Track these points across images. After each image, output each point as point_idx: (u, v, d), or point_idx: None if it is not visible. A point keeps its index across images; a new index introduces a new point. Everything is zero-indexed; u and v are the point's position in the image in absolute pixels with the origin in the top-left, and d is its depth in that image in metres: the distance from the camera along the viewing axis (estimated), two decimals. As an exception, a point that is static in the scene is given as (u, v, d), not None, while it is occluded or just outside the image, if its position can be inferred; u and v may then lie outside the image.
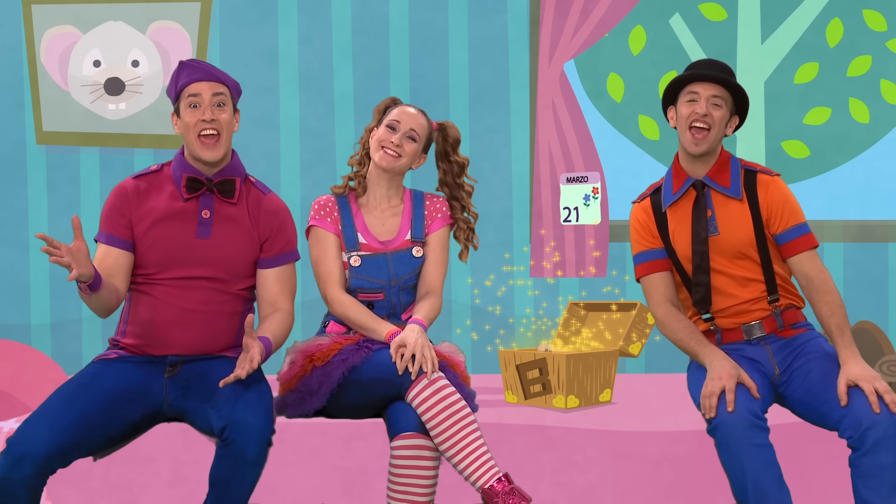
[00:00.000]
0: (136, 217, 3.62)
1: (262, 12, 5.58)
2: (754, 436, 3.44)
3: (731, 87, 3.69)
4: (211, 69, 3.64)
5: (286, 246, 3.73)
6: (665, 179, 3.82)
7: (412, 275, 3.89)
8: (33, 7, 5.46)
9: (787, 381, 3.69)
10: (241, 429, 3.38)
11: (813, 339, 3.74)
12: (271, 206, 3.73)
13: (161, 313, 3.61)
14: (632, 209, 3.87)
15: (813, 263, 3.70)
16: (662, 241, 3.77)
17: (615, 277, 5.58)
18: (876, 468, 3.41)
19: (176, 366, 3.60)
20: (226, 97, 3.64)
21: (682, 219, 3.75)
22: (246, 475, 3.40)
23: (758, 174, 3.74)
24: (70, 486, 3.80)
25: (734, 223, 3.70)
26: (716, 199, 3.73)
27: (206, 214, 3.63)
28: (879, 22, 5.68)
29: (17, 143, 5.55)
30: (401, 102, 3.98)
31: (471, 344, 5.50)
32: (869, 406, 3.45)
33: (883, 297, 5.61)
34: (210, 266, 3.62)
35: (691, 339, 3.68)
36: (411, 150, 3.88)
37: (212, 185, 3.64)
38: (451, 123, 4.05)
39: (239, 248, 3.67)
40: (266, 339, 3.58)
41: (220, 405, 3.45)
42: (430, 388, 3.55)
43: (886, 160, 5.71)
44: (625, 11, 5.52)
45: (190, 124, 3.60)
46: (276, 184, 5.54)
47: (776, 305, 3.72)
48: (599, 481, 3.84)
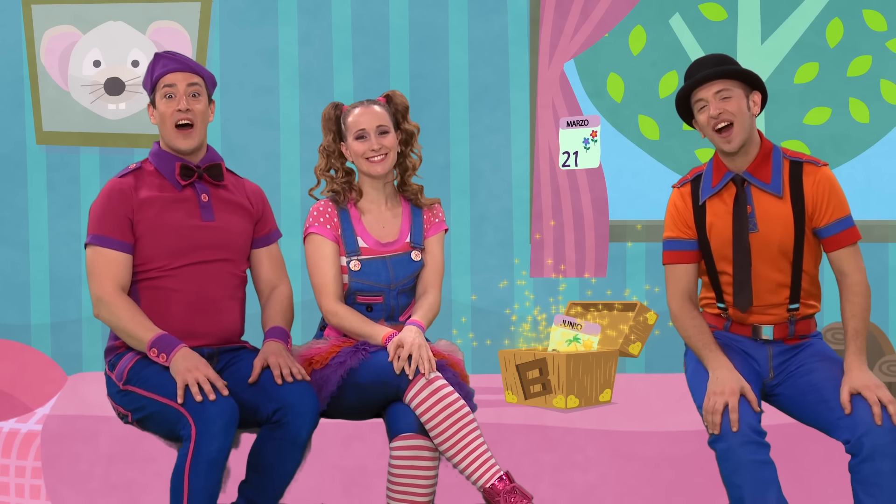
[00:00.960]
0: (137, 214, 3.63)
1: (262, 12, 5.58)
2: (755, 452, 3.43)
3: (729, 74, 3.64)
4: (185, 60, 3.70)
5: (273, 224, 3.87)
6: (706, 169, 3.75)
7: (411, 278, 3.90)
8: (33, 7, 5.45)
9: (780, 383, 3.69)
10: (295, 411, 3.46)
11: (816, 343, 3.73)
12: (253, 187, 3.86)
13: (181, 303, 3.63)
14: (671, 194, 3.80)
15: (852, 260, 3.64)
16: (697, 233, 3.73)
17: (615, 277, 5.58)
18: (875, 475, 3.40)
19: (213, 357, 3.65)
20: (201, 87, 3.70)
21: (722, 213, 3.68)
22: (296, 457, 3.49)
23: (804, 164, 3.66)
24: (70, 486, 3.80)
25: (773, 220, 3.64)
26: (756, 195, 3.66)
27: (206, 198, 3.70)
28: (879, 22, 5.68)
29: (17, 143, 5.55)
30: (343, 106, 3.93)
31: (470, 344, 5.50)
32: (865, 411, 3.44)
33: (883, 297, 5.61)
34: (220, 248, 3.70)
35: (699, 340, 3.66)
36: (391, 142, 3.87)
37: (202, 172, 3.70)
38: (396, 91, 3.97)
39: (242, 228, 3.76)
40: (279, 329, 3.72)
41: (266, 389, 3.50)
42: (427, 389, 3.55)
43: (886, 160, 5.71)
44: (625, 11, 5.52)
45: (166, 114, 3.66)
46: (276, 184, 5.54)
47: (794, 314, 3.70)
48: (599, 481, 3.84)
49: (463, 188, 5.58)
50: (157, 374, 3.50)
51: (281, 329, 3.73)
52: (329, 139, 3.92)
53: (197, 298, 3.64)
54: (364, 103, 3.91)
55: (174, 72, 3.67)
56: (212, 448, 3.30)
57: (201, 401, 3.34)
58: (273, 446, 3.48)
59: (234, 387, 3.56)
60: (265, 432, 3.51)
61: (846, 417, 3.46)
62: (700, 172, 3.76)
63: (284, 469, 3.49)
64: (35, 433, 4.15)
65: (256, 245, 3.83)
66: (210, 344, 3.67)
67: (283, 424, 3.46)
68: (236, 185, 3.82)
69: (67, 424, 3.85)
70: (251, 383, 3.53)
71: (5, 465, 4.17)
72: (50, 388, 4.67)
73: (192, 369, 3.40)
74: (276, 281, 3.85)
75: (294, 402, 3.47)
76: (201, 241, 3.66)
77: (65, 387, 4.51)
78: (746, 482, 3.40)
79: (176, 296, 3.63)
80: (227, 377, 3.60)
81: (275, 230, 3.89)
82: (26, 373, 4.88)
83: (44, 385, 4.68)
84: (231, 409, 3.36)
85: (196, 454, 3.31)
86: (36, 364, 4.96)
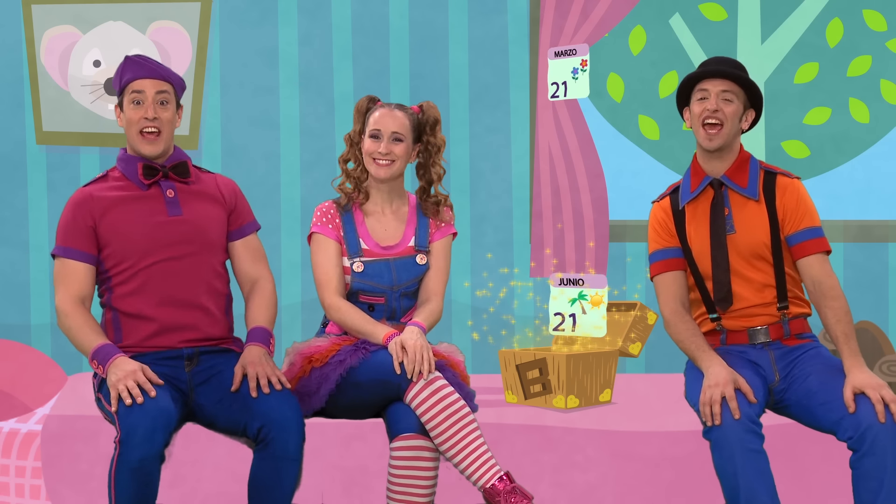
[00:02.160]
0: (101, 219, 3.62)
1: (262, 12, 5.58)
2: (749, 440, 3.44)
3: (740, 81, 3.69)
4: (155, 66, 3.69)
5: (248, 216, 3.83)
6: (683, 178, 3.82)
7: (414, 281, 3.89)
8: (33, 7, 5.45)
9: (786, 388, 3.69)
10: (278, 426, 3.44)
11: (815, 348, 3.74)
12: (225, 180, 3.83)
13: (156, 301, 3.62)
14: (651, 209, 3.86)
15: (822, 268, 3.68)
16: (679, 240, 3.77)
17: (615, 277, 5.58)
18: (876, 470, 3.40)
19: (193, 358, 3.63)
20: (169, 95, 3.68)
21: (700, 217, 3.75)
22: (290, 472, 3.46)
23: (777, 176, 3.74)
24: (70, 486, 3.80)
25: (750, 223, 3.70)
26: (733, 199, 3.72)
27: (171, 193, 3.68)
28: (879, 22, 5.68)
29: (17, 143, 5.55)
30: (377, 102, 3.93)
31: (471, 344, 5.51)
32: (868, 407, 3.45)
33: (883, 297, 5.61)
34: (191, 241, 3.67)
35: (693, 343, 3.68)
36: (401, 151, 3.86)
37: (167, 171, 3.69)
38: (431, 104, 3.97)
39: (214, 217, 3.73)
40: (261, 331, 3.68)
41: (249, 405, 3.48)
42: (428, 389, 3.55)
43: (886, 160, 5.71)
44: (625, 11, 5.51)
45: (133, 120, 3.65)
46: (276, 184, 5.54)
47: (785, 313, 3.72)
48: (599, 481, 3.84)
49: (463, 188, 5.58)
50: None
51: (262, 330, 3.70)
52: (355, 129, 3.92)
53: (172, 294, 3.62)
54: (391, 106, 3.89)
55: (143, 78, 3.66)
56: (132, 458, 3.30)
57: (131, 405, 3.35)
58: (265, 467, 3.46)
59: (223, 400, 3.55)
60: (255, 456, 3.50)
61: (848, 416, 3.46)
62: (678, 185, 3.82)
63: (282, 488, 3.47)
64: (35, 433, 4.15)
65: (232, 238, 3.80)
66: (191, 342, 3.65)
67: (270, 442, 3.44)
68: (206, 179, 3.79)
69: (67, 424, 3.85)
70: (233, 391, 3.52)
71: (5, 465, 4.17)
72: (50, 388, 4.67)
73: (122, 378, 3.40)
74: (256, 274, 3.81)
75: (275, 417, 3.45)
76: (169, 237, 3.64)
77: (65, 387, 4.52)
78: (741, 470, 3.41)
79: (150, 294, 3.62)
80: (214, 387, 3.59)
81: (250, 222, 3.84)
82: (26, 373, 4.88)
83: (44, 385, 4.68)
84: (153, 417, 3.33)
85: (119, 462, 3.34)
86: (36, 364, 4.96)
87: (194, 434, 3.73)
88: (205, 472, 3.76)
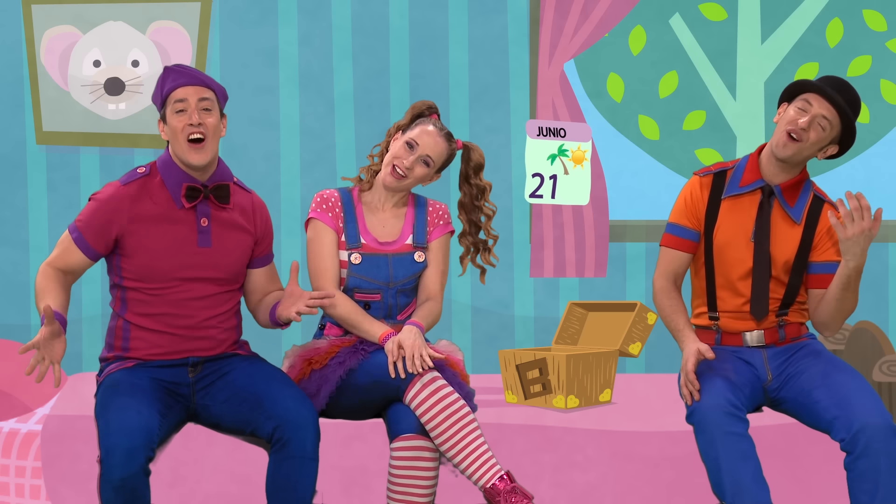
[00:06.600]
0: (129, 228, 3.59)
1: (262, 12, 5.58)
2: (730, 424, 3.45)
3: (846, 117, 3.65)
4: (197, 74, 3.62)
5: (270, 245, 3.83)
6: (736, 167, 3.78)
7: (411, 278, 3.89)
8: (33, 7, 5.45)
9: (781, 386, 3.70)
10: (294, 424, 3.44)
11: (809, 344, 3.75)
12: (260, 204, 3.80)
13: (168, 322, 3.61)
14: (691, 179, 3.82)
15: None
16: (703, 225, 3.75)
17: (615, 277, 5.58)
18: (871, 472, 3.41)
19: (197, 366, 3.63)
20: (212, 102, 3.61)
21: (736, 215, 3.72)
22: (309, 472, 3.47)
23: (825, 204, 3.74)
24: (70, 487, 3.80)
25: (782, 240, 3.70)
26: (774, 212, 3.72)
27: (205, 223, 3.63)
28: (879, 22, 5.68)
29: (17, 143, 5.54)
30: (435, 112, 3.89)
31: (471, 344, 5.50)
32: (861, 408, 3.45)
33: (883, 297, 5.61)
34: (213, 274, 3.64)
35: (674, 321, 3.73)
36: (420, 174, 3.83)
37: (208, 192, 3.63)
38: (476, 146, 3.96)
39: (239, 248, 3.70)
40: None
41: (263, 405, 3.48)
42: (427, 389, 3.55)
43: (886, 160, 5.71)
44: (625, 11, 5.51)
45: (177, 128, 3.57)
46: (276, 184, 5.54)
47: (783, 319, 3.72)
48: (599, 481, 3.84)
49: (463, 188, 5.58)
50: (109, 397, 3.51)
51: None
52: (403, 122, 3.89)
53: (186, 321, 3.62)
54: (440, 129, 3.84)
55: (185, 86, 3.58)
56: (114, 476, 3.32)
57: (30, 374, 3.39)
58: (283, 468, 3.45)
59: (229, 400, 3.55)
60: (272, 458, 3.49)
61: (841, 417, 3.47)
62: (726, 168, 3.77)
63: (302, 488, 3.46)
64: (35, 433, 4.15)
65: (253, 265, 3.79)
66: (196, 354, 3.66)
67: (287, 442, 3.44)
68: (243, 201, 3.74)
69: (67, 424, 3.85)
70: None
71: (5, 465, 4.17)
72: (50, 389, 4.67)
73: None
74: (272, 290, 3.84)
75: (291, 417, 3.45)
76: (194, 267, 3.62)
77: (65, 387, 4.51)
78: (723, 454, 3.42)
79: (165, 317, 3.62)
80: (220, 388, 3.59)
81: (271, 252, 3.84)
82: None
83: (44, 385, 4.68)
84: (133, 436, 3.33)
85: (102, 481, 3.36)
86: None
87: (194, 434, 3.73)
88: (205, 472, 3.76)
